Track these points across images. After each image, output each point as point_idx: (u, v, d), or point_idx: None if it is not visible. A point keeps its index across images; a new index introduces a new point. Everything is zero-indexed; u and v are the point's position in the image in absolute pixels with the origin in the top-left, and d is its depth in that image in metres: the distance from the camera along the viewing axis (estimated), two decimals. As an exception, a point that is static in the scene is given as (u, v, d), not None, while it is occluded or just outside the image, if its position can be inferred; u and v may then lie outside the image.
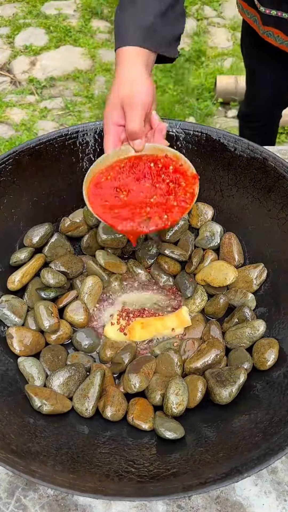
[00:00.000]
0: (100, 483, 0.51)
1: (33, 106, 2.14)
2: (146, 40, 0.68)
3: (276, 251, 0.73)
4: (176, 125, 0.78)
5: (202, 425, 0.61)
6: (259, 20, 1.01)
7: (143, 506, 0.60)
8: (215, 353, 0.66)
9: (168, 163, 0.71)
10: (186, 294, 0.75)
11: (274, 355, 0.65)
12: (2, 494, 0.60)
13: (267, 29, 1.00)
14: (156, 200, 0.69)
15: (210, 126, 0.79)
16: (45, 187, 0.78)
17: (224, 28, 2.52)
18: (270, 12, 0.95)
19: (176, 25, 0.72)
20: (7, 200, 0.74)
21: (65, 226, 0.78)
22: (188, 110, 2.14)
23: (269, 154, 0.72)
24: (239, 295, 0.73)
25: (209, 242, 0.79)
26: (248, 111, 1.39)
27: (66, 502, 0.60)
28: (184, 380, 0.64)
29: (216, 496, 0.61)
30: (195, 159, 0.79)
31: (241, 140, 0.75)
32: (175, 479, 0.52)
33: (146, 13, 0.68)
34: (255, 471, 0.49)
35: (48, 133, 0.75)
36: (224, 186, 0.79)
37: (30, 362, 0.66)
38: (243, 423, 0.59)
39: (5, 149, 1.93)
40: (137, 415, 0.61)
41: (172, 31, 0.71)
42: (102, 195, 0.69)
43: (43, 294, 0.72)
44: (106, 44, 2.44)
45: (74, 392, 0.64)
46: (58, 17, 2.56)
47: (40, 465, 0.52)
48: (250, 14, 1.05)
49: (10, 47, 2.42)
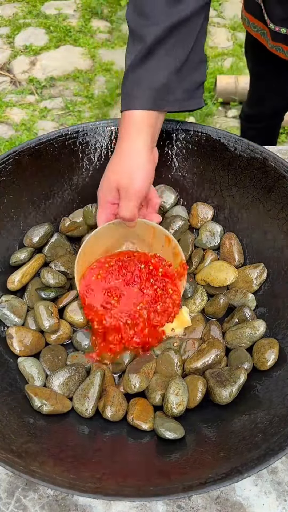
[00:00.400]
0: (100, 483, 0.51)
1: (33, 106, 2.14)
2: (157, 102, 0.63)
3: (276, 251, 0.73)
4: (176, 125, 0.78)
5: (202, 425, 0.61)
6: (268, 34, 1.00)
7: (143, 506, 0.60)
8: (215, 353, 0.66)
9: (157, 265, 0.72)
10: (186, 294, 0.75)
11: (274, 355, 0.65)
12: (2, 494, 0.60)
13: (276, 44, 0.99)
14: (142, 308, 0.69)
15: (210, 126, 0.79)
16: (45, 187, 0.78)
17: (224, 28, 2.52)
18: (279, 30, 0.94)
19: (195, 73, 0.65)
20: (7, 200, 0.74)
21: (65, 226, 0.78)
22: (188, 110, 2.13)
23: (269, 154, 0.72)
24: (239, 295, 0.73)
25: (209, 242, 0.79)
26: (251, 113, 1.38)
27: (66, 502, 0.60)
28: (184, 380, 0.64)
29: (216, 496, 0.61)
30: (195, 159, 0.79)
31: (241, 140, 0.75)
32: (175, 479, 0.52)
33: (158, 72, 0.62)
34: (255, 471, 0.49)
35: (48, 133, 0.75)
36: (224, 186, 0.79)
37: (30, 362, 0.66)
38: (243, 423, 0.59)
39: (5, 149, 1.93)
40: (137, 415, 0.61)
41: (189, 84, 0.65)
42: (94, 299, 0.70)
43: (43, 294, 0.72)
44: (106, 44, 2.44)
45: (74, 392, 0.64)
46: (58, 17, 2.56)
47: (40, 465, 0.52)
48: (258, 27, 1.03)
49: (10, 47, 2.42)
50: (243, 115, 1.43)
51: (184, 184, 0.82)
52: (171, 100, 0.64)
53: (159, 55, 0.62)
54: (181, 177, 0.81)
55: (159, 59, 0.62)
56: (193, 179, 0.81)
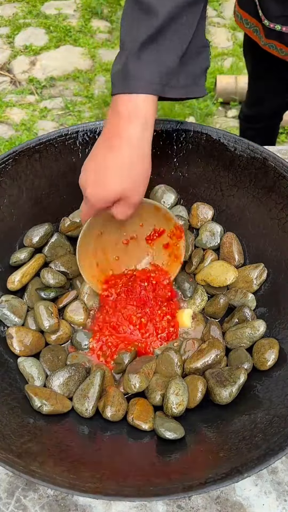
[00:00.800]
0: (100, 483, 0.51)
1: (33, 106, 2.14)
2: (164, 87, 0.55)
3: (276, 251, 0.73)
4: (176, 125, 0.78)
5: (202, 425, 0.61)
6: (261, 31, 0.99)
7: (143, 506, 0.60)
8: (215, 353, 0.66)
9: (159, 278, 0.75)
10: (186, 294, 0.75)
11: (274, 355, 0.65)
12: (2, 494, 0.60)
13: (269, 41, 0.98)
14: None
15: (210, 126, 0.79)
16: (45, 187, 0.78)
17: (224, 28, 2.52)
18: (274, 27, 0.93)
19: (199, 58, 0.59)
20: (7, 200, 0.74)
21: (65, 226, 0.78)
22: (188, 110, 2.13)
23: (269, 154, 0.72)
24: (239, 295, 0.73)
25: (209, 242, 0.79)
26: (250, 113, 1.38)
27: (66, 502, 0.60)
28: (184, 380, 0.64)
29: (216, 496, 0.61)
30: (195, 159, 0.79)
31: (241, 140, 0.75)
32: (175, 479, 0.52)
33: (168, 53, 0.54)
34: (255, 471, 0.49)
35: (48, 133, 0.75)
36: (224, 186, 0.79)
37: (30, 362, 0.66)
38: (243, 423, 0.59)
39: (5, 149, 1.93)
40: (137, 415, 0.61)
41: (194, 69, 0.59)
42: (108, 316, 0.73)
43: (43, 294, 0.72)
44: (106, 44, 2.44)
45: (74, 392, 0.64)
46: (58, 17, 2.56)
47: (40, 465, 0.52)
48: (250, 24, 1.02)
49: (10, 47, 2.42)
50: (242, 116, 1.43)
51: (184, 184, 0.82)
52: (176, 86, 0.57)
53: (169, 34, 0.54)
54: (181, 177, 0.81)
55: (170, 39, 0.55)
56: (193, 179, 0.81)
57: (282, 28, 0.92)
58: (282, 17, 0.91)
